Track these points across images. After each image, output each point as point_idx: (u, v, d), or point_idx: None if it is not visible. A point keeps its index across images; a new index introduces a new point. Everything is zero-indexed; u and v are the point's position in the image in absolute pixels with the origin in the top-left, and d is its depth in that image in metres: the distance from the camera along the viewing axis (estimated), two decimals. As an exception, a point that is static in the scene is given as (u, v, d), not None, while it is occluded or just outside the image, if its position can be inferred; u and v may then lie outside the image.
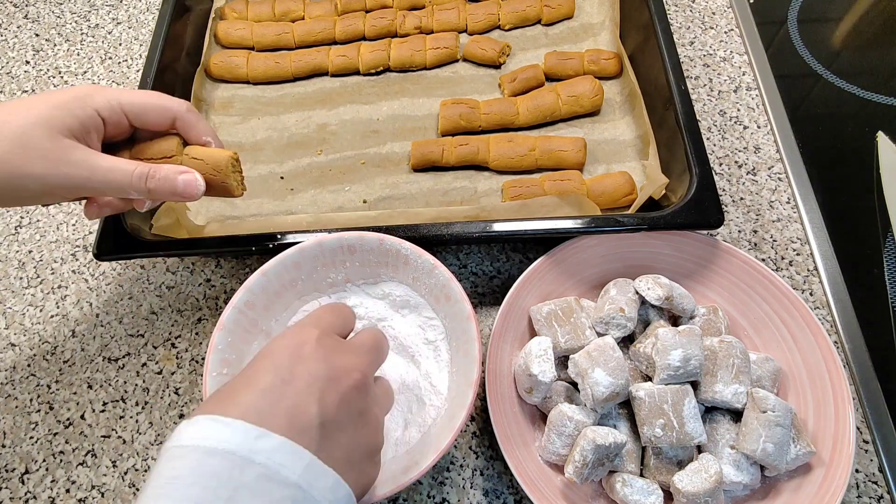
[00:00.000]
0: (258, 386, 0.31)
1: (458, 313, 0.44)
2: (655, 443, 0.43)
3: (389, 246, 0.46)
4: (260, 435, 0.28)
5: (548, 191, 0.56)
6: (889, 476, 0.47)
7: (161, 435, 0.50)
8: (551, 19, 0.70)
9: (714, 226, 0.49)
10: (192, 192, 0.42)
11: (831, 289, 0.54)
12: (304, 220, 0.54)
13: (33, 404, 0.52)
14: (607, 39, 0.68)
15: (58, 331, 0.56)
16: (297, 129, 0.65)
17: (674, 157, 0.54)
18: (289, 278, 0.47)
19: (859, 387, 0.50)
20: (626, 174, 0.57)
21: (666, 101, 0.56)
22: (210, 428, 0.29)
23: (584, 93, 0.62)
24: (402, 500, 0.47)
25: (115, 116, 0.41)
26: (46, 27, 0.77)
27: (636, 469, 0.45)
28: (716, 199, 0.49)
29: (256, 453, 0.28)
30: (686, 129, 0.53)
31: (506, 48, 0.67)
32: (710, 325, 0.49)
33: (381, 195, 0.59)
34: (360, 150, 0.63)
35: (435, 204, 0.59)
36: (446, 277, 0.45)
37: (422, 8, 0.71)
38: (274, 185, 0.61)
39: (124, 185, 0.40)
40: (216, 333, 0.43)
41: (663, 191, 0.54)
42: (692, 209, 0.49)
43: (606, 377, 0.43)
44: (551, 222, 0.50)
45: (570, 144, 0.59)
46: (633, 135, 0.61)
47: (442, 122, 0.62)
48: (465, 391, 0.42)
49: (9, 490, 0.49)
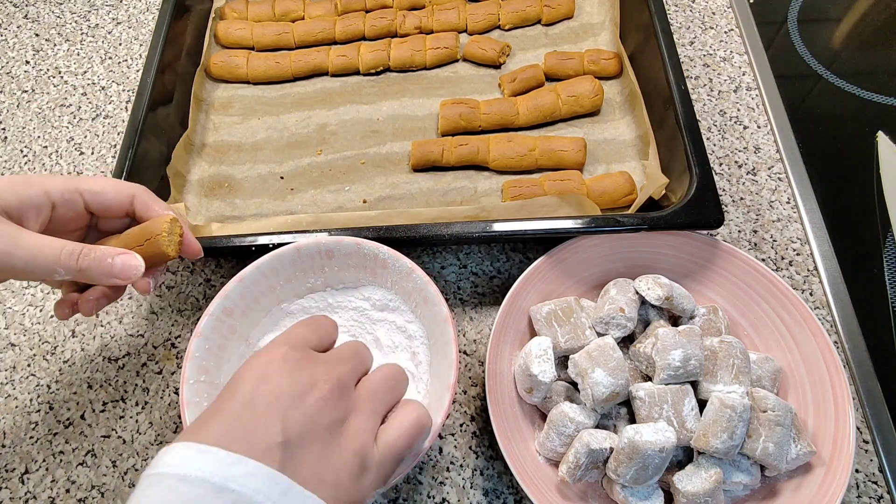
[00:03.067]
0: (225, 411, 0.31)
1: (435, 315, 0.44)
2: (655, 443, 0.43)
3: (367, 250, 0.46)
4: (235, 461, 0.28)
5: (548, 191, 0.56)
6: (889, 476, 0.47)
7: (161, 435, 0.50)
8: (551, 19, 0.70)
9: (714, 226, 0.49)
10: (128, 274, 0.40)
11: (831, 289, 0.54)
12: (304, 220, 0.54)
13: (33, 404, 0.52)
14: (607, 39, 0.68)
15: (58, 331, 0.56)
16: (297, 129, 0.65)
17: (674, 157, 0.54)
18: (267, 284, 0.47)
19: (859, 387, 0.50)
20: (627, 174, 0.57)
21: (666, 101, 0.56)
22: (185, 455, 0.29)
23: (585, 93, 0.62)
24: (402, 500, 0.47)
25: (67, 196, 0.41)
26: (46, 27, 0.77)
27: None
28: (716, 198, 0.49)
29: (230, 480, 0.28)
30: (686, 129, 0.53)
31: (506, 48, 0.67)
32: (710, 325, 0.49)
33: (381, 195, 0.59)
34: (360, 150, 0.63)
35: (435, 204, 0.59)
36: (423, 281, 0.44)
37: (422, 8, 0.71)
38: (274, 184, 0.61)
39: (51, 262, 0.38)
40: (193, 341, 0.43)
41: (663, 191, 0.54)
42: (692, 209, 0.49)
43: (606, 377, 0.43)
44: (551, 222, 0.50)
45: (570, 144, 0.59)
46: (633, 135, 0.61)
47: (442, 121, 0.62)
48: (442, 394, 0.41)
49: (9, 490, 0.49)
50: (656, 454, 0.40)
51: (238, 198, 0.60)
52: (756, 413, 0.43)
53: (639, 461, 0.40)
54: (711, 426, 0.42)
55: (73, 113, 0.69)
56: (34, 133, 0.68)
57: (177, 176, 0.59)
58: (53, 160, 0.66)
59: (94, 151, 0.67)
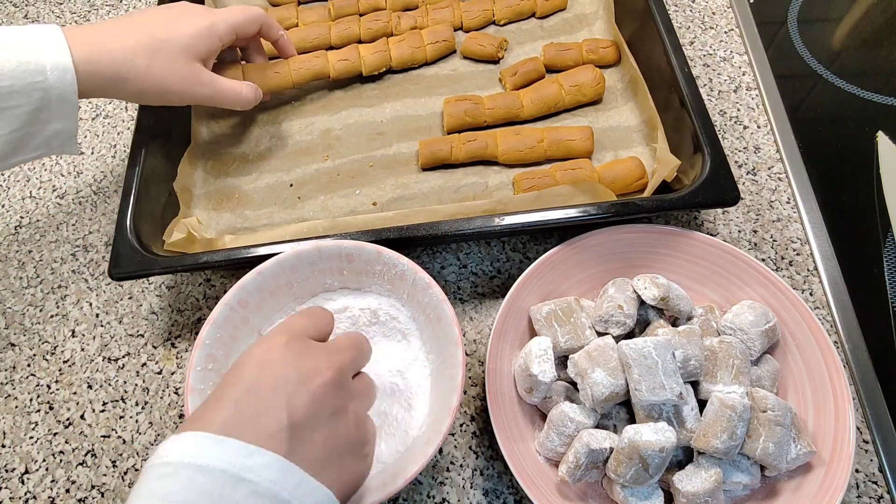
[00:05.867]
0: (229, 397, 0.31)
1: (446, 336, 0.44)
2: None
3: (387, 259, 0.46)
4: (251, 452, 0.29)
5: (560, 180, 0.57)
6: (889, 476, 0.47)
7: (161, 435, 0.50)
8: (545, 12, 0.71)
9: (731, 203, 0.50)
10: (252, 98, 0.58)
11: (831, 289, 0.54)
12: (320, 226, 0.53)
13: (33, 404, 0.52)
14: (602, 28, 0.69)
15: (58, 331, 0.56)
16: (300, 136, 0.64)
17: (682, 139, 0.55)
18: (284, 280, 0.47)
19: (859, 387, 0.50)
20: (636, 159, 0.58)
21: (670, 85, 0.57)
22: (200, 444, 0.29)
23: (587, 82, 0.62)
24: (402, 500, 0.47)
25: (228, 38, 0.54)
26: (46, 27, 0.77)
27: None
28: (730, 176, 0.50)
29: (248, 471, 0.28)
30: (694, 110, 0.54)
31: (503, 43, 0.68)
32: (707, 325, 0.49)
33: (393, 196, 0.59)
34: (367, 152, 0.62)
35: (447, 201, 0.59)
36: (439, 299, 0.44)
37: (415, 8, 0.71)
38: (283, 193, 0.60)
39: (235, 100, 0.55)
40: (205, 328, 0.43)
41: (675, 173, 0.54)
42: (709, 188, 0.50)
43: (606, 377, 0.43)
44: (573, 210, 0.50)
45: (577, 133, 0.60)
46: (638, 120, 0.62)
47: (447, 119, 0.62)
48: (443, 417, 0.41)
49: (9, 490, 0.49)
50: (656, 454, 0.40)
51: (248, 209, 0.60)
52: (756, 413, 0.43)
53: (639, 461, 0.40)
54: (711, 426, 0.42)
55: (73, 113, 0.69)
56: (34, 133, 0.68)
57: (184, 191, 0.58)
58: (53, 160, 0.66)
59: (94, 151, 0.67)
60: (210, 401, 0.32)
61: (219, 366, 0.43)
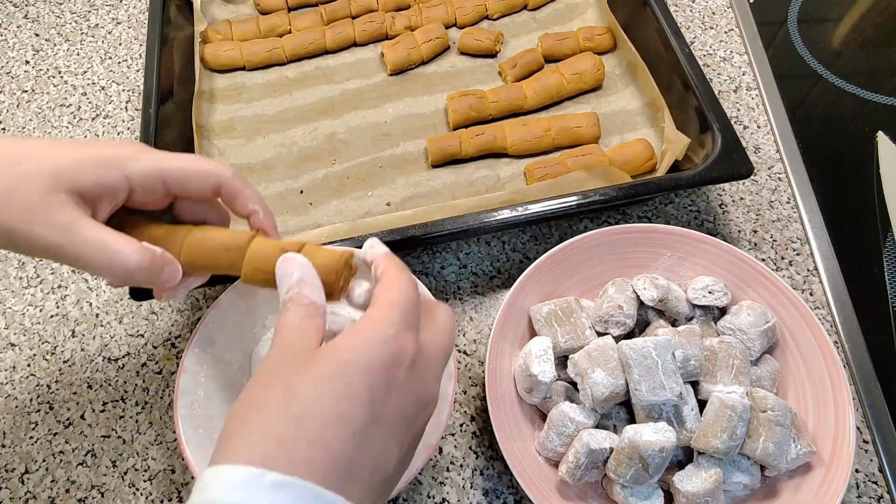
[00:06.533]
0: (349, 425, 0.25)
1: None
2: (655, 443, 0.43)
3: None
4: None
5: (572, 167, 0.57)
6: (889, 476, 0.47)
7: (161, 435, 0.50)
8: (537, 3, 0.72)
9: (745, 175, 0.51)
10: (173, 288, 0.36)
11: (831, 289, 0.54)
12: (340, 230, 0.52)
13: (33, 404, 0.52)
14: (595, 16, 0.70)
15: (58, 331, 0.56)
16: (305, 141, 0.64)
17: (688, 118, 0.56)
18: (245, 307, 0.47)
19: (859, 387, 0.50)
20: (644, 140, 0.59)
21: (671, 66, 0.57)
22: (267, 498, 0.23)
23: (587, 69, 0.63)
24: (402, 499, 0.47)
25: (149, 184, 0.35)
26: (46, 27, 0.77)
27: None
28: (741, 150, 0.51)
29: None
30: (699, 89, 0.55)
31: (500, 36, 0.68)
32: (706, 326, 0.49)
33: (406, 195, 0.59)
34: (375, 154, 0.62)
35: (461, 196, 0.59)
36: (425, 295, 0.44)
37: (407, 8, 0.71)
38: (293, 200, 0.60)
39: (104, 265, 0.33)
40: (209, 312, 0.44)
41: (685, 151, 0.55)
42: (723, 162, 0.51)
43: (606, 377, 0.43)
44: (595, 194, 0.50)
45: (584, 120, 0.61)
46: (640, 103, 0.63)
47: (452, 115, 0.62)
48: (429, 433, 0.38)
49: (9, 490, 0.49)
50: (656, 454, 0.40)
51: None
52: (756, 413, 0.43)
53: (639, 461, 0.40)
54: (711, 426, 0.42)
55: (73, 113, 0.69)
56: (34, 133, 0.68)
57: None
58: (53, 160, 0.66)
59: (94, 151, 0.66)
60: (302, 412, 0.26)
61: (218, 349, 0.45)
